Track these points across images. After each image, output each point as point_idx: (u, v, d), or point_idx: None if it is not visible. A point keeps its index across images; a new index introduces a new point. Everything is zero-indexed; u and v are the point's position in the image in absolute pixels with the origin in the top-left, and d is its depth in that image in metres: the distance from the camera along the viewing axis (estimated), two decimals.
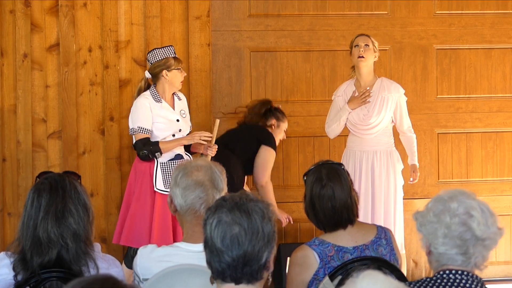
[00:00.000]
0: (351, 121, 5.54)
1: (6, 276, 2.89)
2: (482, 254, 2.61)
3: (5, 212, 5.89)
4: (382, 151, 5.51)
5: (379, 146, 5.52)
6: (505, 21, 6.39)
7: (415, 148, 5.63)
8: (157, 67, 5.30)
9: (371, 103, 5.50)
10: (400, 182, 5.53)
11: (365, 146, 5.53)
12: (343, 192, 3.39)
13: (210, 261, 2.34)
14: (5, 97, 5.87)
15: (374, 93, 5.52)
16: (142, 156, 5.22)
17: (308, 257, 3.34)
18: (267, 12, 6.20)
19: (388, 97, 5.50)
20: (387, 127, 5.55)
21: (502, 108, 6.41)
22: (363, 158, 5.50)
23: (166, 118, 5.30)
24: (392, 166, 5.50)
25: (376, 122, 5.49)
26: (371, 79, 5.57)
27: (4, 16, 5.86)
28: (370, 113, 5.49)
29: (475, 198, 2.65)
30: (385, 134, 5.55)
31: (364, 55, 5.47)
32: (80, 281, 1.86)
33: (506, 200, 6.30)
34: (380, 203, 5.44)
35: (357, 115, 5.52)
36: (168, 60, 5.30)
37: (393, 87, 5.54)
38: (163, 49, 5.35)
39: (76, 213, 2.89)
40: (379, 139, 5.53)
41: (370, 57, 5.50)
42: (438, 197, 2.66)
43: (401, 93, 5.57)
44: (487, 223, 2.59)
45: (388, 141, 5.55)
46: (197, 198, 3.01)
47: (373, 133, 5.52)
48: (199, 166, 3.07)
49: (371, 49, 5.50)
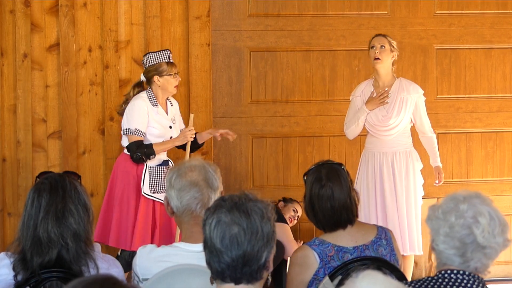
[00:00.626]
0: (370, 122, 5.49)
1: (6, 276, 2.89)
2: (481, 261, 2.60)
3: (5, 212, 5.90)
4: (401, 152, 5.47)
5: (399, 147, 5.47)
6: (505, 21, 6.39)
7: (436, 149, 5.61)
8: (149, 72, 5.29)
9: (390, 104, 5.46)
10: (420, 181, 5.52)
11: (384, 147, 5.48)
12: (343, 192, 3.39)
13: (209, 261, 2.34)
14: (5, 97, 5.87)
15: (393, 93, 5.47)
16: (136, 158, 5.21)
17: (308, 257, 3.34)
18: (267, 12, 6.20)
19: (407, 98, 5.46)
20: (405, 128, 5.51)
21: (502, 108, 6.41)
22: (383, 160, 5.46)
23: (161, 124, 5.30)
24: (412, 166, 5.48)
25: (395, 123, 5.45)
26: (390, 79, 5.52)
27: (4, 16, 5.86)
28: (390, 114, 5.44)
29: (489, 205, 2.61)
30: (404, 135, 5.51)
31: (380, 56, 5.44)
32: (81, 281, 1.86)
33: (506, 200, 6.29)
34: (402, 204, 5.42)
35: (376, 116, 5.47)
36: (160, 66, 5.27)
37: (412, 88, 5.50)
38: (157, 53, 5.31)
39: (76, 213, 2.89)
40: (399, 140, 5.49)
41: (386, 58, 5.46)
42: (454, 195, 2.64)
43: (420, 93, 5.53)
44: (493, 232, 2.57)
45: (406, 142, 5.52)
46: (193, 199, 3.01)
47: (392, 134, 5.47)
48: (193, 166, 3.07)
49: (387, 49, 5.46)
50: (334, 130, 6.22)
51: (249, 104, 6.22)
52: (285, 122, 6.23)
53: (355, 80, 6.21)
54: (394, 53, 5.51)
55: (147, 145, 5.21)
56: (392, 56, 5.50)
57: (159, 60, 5.27)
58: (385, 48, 5.45)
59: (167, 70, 5.27)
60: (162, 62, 5.27)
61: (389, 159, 5.46)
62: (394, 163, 5.45)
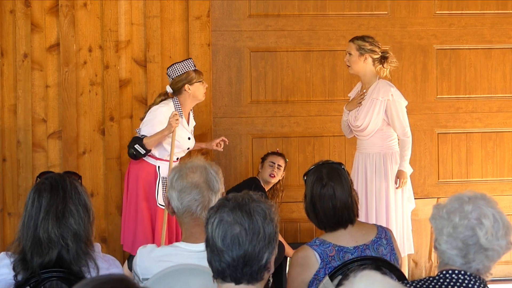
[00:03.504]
0: (349, 123, 5.56)
1: (6, 276, 2.89)
2: (483, 263, 2.59)
3: (5, 212, 5.89)
4: (375, 154, 5.48)
5: (374, 149, 5.49)
6: (505, 21, 6.39)
7: (405, 153, 5.42)
8: (179, 82, 5.34)
9: (362, 106, 5.48)
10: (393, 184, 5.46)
11: (363, 148, 5.53)
12: (344, 192, 3.39)
13: (210, 260, 2.34)
14: (5, 97, 5.87)
15: (367, 95, 5.50)
16: (129, 154, 5.27)
17: (309, 257, 3.35)
18: (267, 12, 6.20)
19: (376, 100, 5.43)
20: (382, 130, 5.49)
21: (502, 108, 6.41)
22: (366, 160, 5.49)
23: (181, 136, 5.33)
24: (385, 169, 5.45)
25: (363, 125, 5.44)
26: (370, 80, 5.52)
27: (4, 16, 5.86)
28: (358, 116, 5.48)
29: (494, 207, 2.61)
30: (381, 137, 5.49)
31: (348, 63, 5.50)
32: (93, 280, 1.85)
33: (506, 200, 6.30)
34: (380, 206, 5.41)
35: (351, 117, 5.54)
36: (189, 74, 5.35)
37: (383, 91, 5.43)
38: (183, 63, 5.39)
39: (77, 214, 2.88)
40: (374, 142, 5.49)
41: (354, 64, 5.47)
42: (460, 195, 2.64)
43: (391, 97, 5.43)
44: (497, 235, 2.57)
45: (383, 144, 5.48)
46: (193, 200, 3.01)
47: (365, 135, 5.49)
48: (194, 167, 3.06)
49: (354, 55, 5.45)
50: (334, 130, 6.22)
51: (249, 104, 6.22)
52: (285, 122, 6.23)
53: (355, 80, 6.21)
54: (368, 54, 5.46)
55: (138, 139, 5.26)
56: (364, 59, 5.46)
57: (186, 69, 5.37)
58: (352, 54, 5.46)
59: (196, 77, 5.36)
60: (190, 71, 5.37)
61: (366, 160, 5.48)
62: (367, 165, 5.46)
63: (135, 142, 5.24)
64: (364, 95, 5.48)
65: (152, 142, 5.22)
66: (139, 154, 5.23)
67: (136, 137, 5.28)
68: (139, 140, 5.23)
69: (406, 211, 5.47)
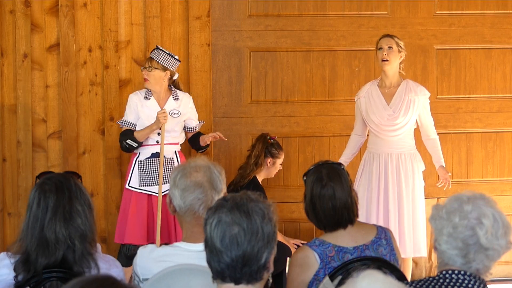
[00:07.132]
0: (375, 122, 5.47)
1: (6, 276, 2.89)
2: (483, 262, 2.59)
3: (5, 212, 5.89)
4: (406, 154, 5.46)
5: (404, 149, 5.47)
6: (505, 21, 6.39)
7: (440, 150, 5.61)
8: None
9: (398, 104, 5.46)
10: (422, 183, 5.52)
11: (389, 148, 5.46)
12: (344, 192, 3.39)
13: (209, 261, 2.34)
14: (5, 97, 5.87)
15: (400, 94, 5.47)
16: (122, 148, 5.45)
17: (308, 257, 3.35)
18: (267, 12, 6.21)
19: (414, 99, 5.46)
20: (410, 130, 5.51)
21: (502, 108, 6.41)
22: (388, 161, 5.44)
23: (150, 116, 5.41)
24: (417, 168, 5.48)
25: (402, 123, 5.44)
26: (397, 79, 5.53)
27: (4, 16, 5.86)
28: (396, 114, 5.44)
29: (493, 206, 2.62)
30: (409, 136, 5.51)
31: (388, 58, 5.45)
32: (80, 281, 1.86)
33: (506, 200, 6.30)
34: (408, 206, 5.42)
35: (381, 115, 5.46)
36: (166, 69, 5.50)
37: (419, 89, 5.51)
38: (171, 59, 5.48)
39: (83, 213, 2.89)
40: (404, 141, 5.48)
41: (394, 59, 5.47)
42: (459, 195, 2.64)
43: (427, 95, 5.53)
44: (497, 234, 2.57)
45: (411, 144, 5.52)
46: (196, 199, 3.01)
47: (398, 134, 5.46)
48: (198, 166, 3.06)
49: (394, 50, 5.46)
50: (334, 130, 6.22)
51: (249, 104, 6.22)
52: (285, 122, 6.23)
53: (355, 80, 6.22)
54: (402, 53, 5.52)
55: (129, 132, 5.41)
56: (400, 57, 5.51)
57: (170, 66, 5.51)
58: (393, 49, 5.46)
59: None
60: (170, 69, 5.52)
61: (394, 160, 5.45)
62: (400, 165, 5.44)
63: (127, 136, 5.38)
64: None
65: (142, 136, 5.39)
66: (132, 148, 5.40)
67: (127, 130, 5.41)
68: (130, 134, 5.37)
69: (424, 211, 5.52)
